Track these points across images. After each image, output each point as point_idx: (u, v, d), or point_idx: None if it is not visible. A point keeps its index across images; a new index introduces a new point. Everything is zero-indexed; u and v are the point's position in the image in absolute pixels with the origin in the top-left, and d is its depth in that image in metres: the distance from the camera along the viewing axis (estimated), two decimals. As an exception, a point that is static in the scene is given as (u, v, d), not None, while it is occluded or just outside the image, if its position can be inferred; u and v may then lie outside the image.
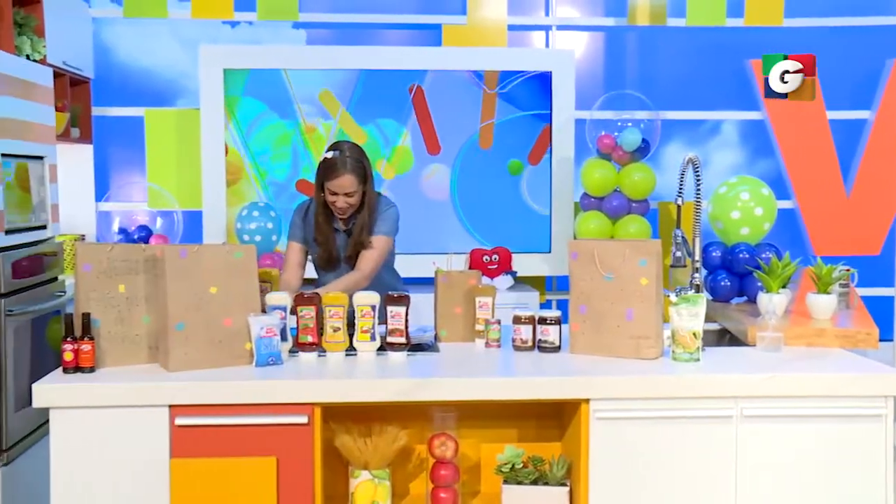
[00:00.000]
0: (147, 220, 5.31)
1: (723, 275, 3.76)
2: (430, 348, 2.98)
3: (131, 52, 5.47)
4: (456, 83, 5.18)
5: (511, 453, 2.76)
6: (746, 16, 5.42)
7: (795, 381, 2.64)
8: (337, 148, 3.33)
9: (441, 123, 5.18)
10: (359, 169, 3.30)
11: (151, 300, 2.71)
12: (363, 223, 3.36)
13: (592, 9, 5.67)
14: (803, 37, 5.50)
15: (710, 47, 5.60)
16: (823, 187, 5.43)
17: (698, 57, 5.63)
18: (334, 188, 3.29)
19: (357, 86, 5.14)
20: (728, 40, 5.55)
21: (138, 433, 2.51)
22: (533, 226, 5.23)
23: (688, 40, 5.62)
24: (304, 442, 2.55)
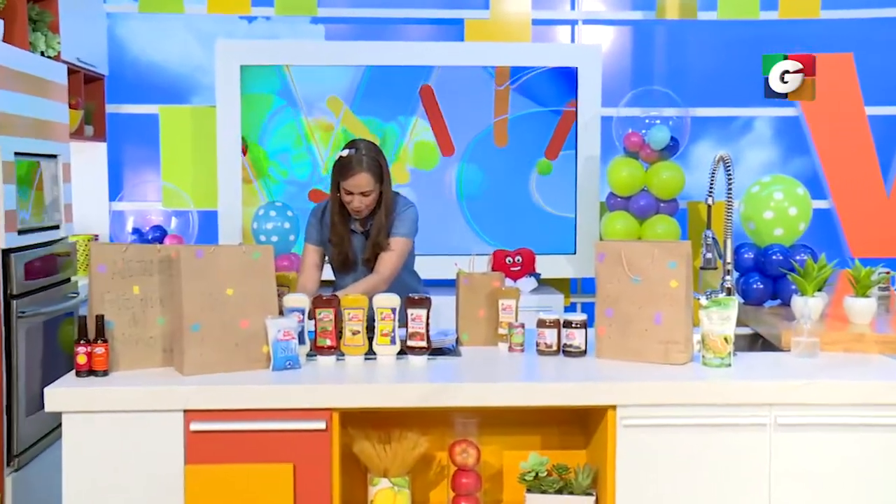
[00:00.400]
0: (161, 220, 5.35)
1: (755, 277, 3.73)
2: (452, 352, 2.98)
3: (146, 48, 5.51)
4: (466, 79, 5.17)
5: (535, 461, 2.75)
6: (781, 8, 5.38)
7: (833, 389, 2.61)
8: (353, 146, 3.34)
9: (452, 121, 5.19)
10: (374, 167, 3.31)
11: (166, 302, 2.73)
12: (380, 224, 3.37)
13: (620, 2, 5.66)
14: (841, 29, 5.46)
15: (742, 42, 5.56)
16: (861, 186, 5.38)
17: (730, 52, 5.59)
18: (350, 187, 3.30)
19: (362, 83, 5.14)
20: (761, 34, 5.51)
21: (152, 438, 2.52)
22: (549, 227, 5.21)
23: (719, 34, 5.59)
24: (322, 448, 2.55)
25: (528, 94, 5.20)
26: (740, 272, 3.82)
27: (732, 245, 3.29)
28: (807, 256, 3.49)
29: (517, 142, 5.22)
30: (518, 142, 5.22)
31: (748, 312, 3.59)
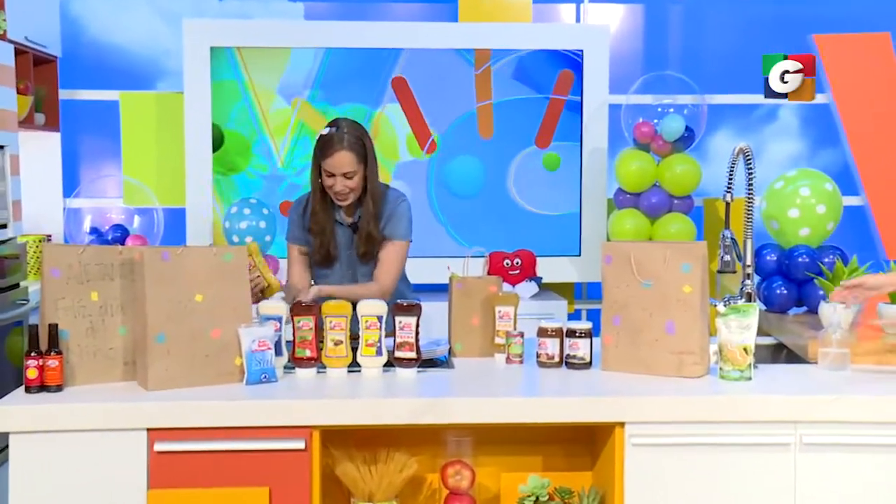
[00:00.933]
0: (123, 219, 5.35)
1: (779, 282, 3.76)
2: (444, 364, 2.99)
3: (105, 28, 5.52)
4: (440, 63, 5.21)
5: (535, 484, 2.77)
6: (808, -17, 5.42)
7: (864, 405, 2.63)
8: (334, 124, 3.38)
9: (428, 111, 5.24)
10: (357, 146, 3.33)
11: (128, 309, 2.73)
12: (369, 214, 3.39)
13: (629, -22, 5.69)
14: (873, 7, 5.49)
15: (765, 20, 5.60)
16: (898, 182, 5.42)
17: (751, 31, 5.63)
18: (330, 167, 3.32)
19: (321, 69, 5.17)
20: (787, 12, 5.55)
21: (111, 461, 2.51)
22: (526, 227, 5.23)
23: (739, 12, 5.63)
24: (301, 470, 2.56)
25: (516, 77, 5.22)
26: (762, 276, 3.84)
27: (753, 246, 3.31)
28: (836, 259, 3.52)
29: (502, 132, 5.24)
30: (503, 132, 5.24)
31: (771, 320, 3.61)
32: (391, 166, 5.21)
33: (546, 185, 5.26)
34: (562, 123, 5.24)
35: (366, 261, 3.43)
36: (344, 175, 3.32)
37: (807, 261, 3.68)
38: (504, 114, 5.24)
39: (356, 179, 3.35)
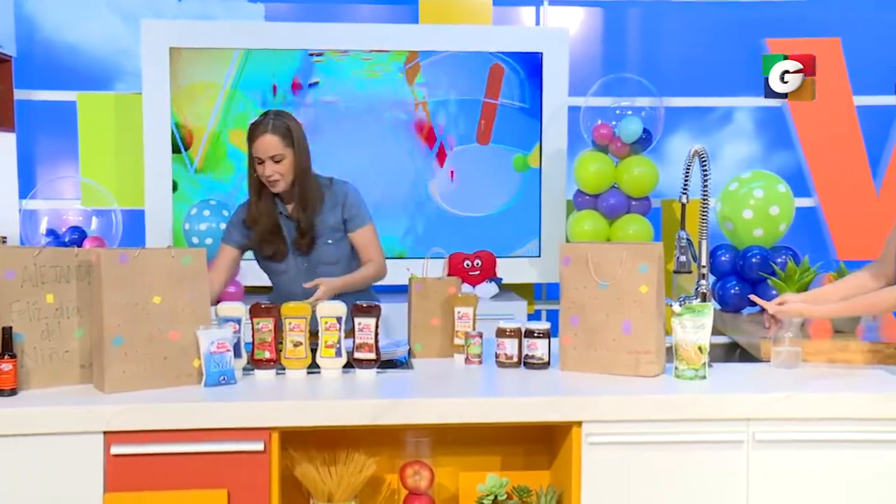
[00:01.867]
0: (80, 221, 5.29)
1: (733, 282, 3.80)
2: (403, 365, 3.00)
3: (61, 27, 5.45)
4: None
5: (493, 483, 2.78)
6: (764, -11, 5.48)
7: (815, 402, 2.67)
8: (265, 113, 3.45)
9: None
10: (282, 130, 3.37)
11: (85, 312, 2.71)
12: (303, 199, 3.41)
13: (589, -19, 5.73)
14: (828, 12, 5.56)
15: (720, 24, 5.65)
16: (849, 183, 5.49)
17: (708, 36, 5.68)
18: (258, 152, 3.35)
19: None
20: (741, 16, 5.61)
21: (67, 465, 2.49)
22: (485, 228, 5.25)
23: (696, 16, 5.67)
24: (260, 472, 2.55)
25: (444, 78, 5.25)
26: (717, 276, 3.88)
27: (708, 247, 3.34)
28: (789, 259, 3.56)
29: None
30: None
31: (725, 320, 3.65)
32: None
33: (507, 186, 5.28)
34: (520, 125, 5.26)
35: (305, 251, 3.45)
36: (272, 159, 3.35)
37: (760, 261, 3.73)
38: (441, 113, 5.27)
39: (285, 164, 3.37)
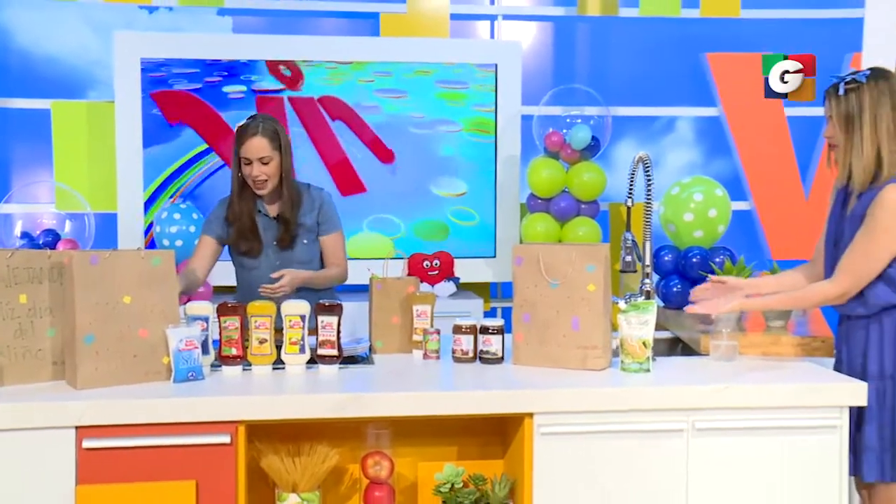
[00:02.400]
0: (55, 224, 5.21)
1: (675, 280, 3.82)
2: (364, 361, 2.98)
3: (36, 38, 5.37)
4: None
5: (450, 472, 2.77)
6: (702, 6, 5.52)
7: (749, 393, 2.69)
8: (252, 117, 3.46)
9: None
10: (271, 133, 3.39)
11: (57, 311, 2.67)
12: (287, 202, 3.43)
13: (541, -3, 5.74)
14: (761, 29, 5.63)
15: (663, 39, 5.69)
16: (781, 188, 5.56)
17: (652, 50, 5.72)
18: (247, 153, 3.36)
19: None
20: (683, 32, 5.65)
21: (39, 458, 2.45)
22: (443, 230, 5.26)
23: (641, 32, 5.71)
24: (227, 463, 2.53)
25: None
26: (660, 275, 3.91)
27: (652, 247, 3.36)
28: (726, 259, 3.60)
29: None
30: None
31: (668, 316, 3.67)
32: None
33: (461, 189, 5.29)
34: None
35: (285, 247, 3.46)
36: (260, 160, 3.36)
37: (700, 261, 3.76)
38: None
39: (272, 166, 3.39)
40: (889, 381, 2.80)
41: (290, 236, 3.46)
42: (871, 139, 2.77)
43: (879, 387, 2.80)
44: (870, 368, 2.82)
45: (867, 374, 2.82)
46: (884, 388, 2.80)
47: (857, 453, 2.83)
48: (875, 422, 2.80)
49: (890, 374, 2.80)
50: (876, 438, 2.80)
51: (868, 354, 2.83)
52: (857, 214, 2.81)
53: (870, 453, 2.80)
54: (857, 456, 2.83)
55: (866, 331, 2.85)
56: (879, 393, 2.80)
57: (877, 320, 2.82)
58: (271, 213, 3.48)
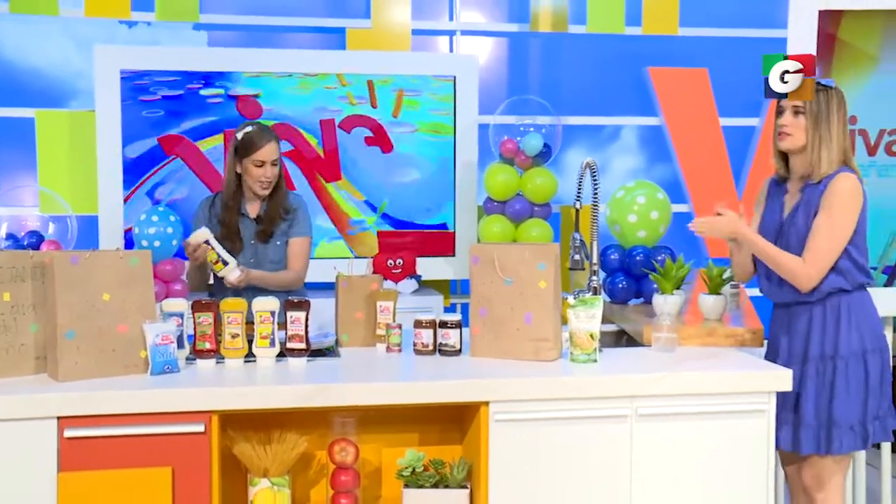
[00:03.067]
0: (38, 226, 5.12)
1: (620, 277, 3.83)
2: (331, 354, 2.97)
3: (20, 51, 5.28)
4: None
5: (412, 457, 2.77)
6: (644, 24, 5.56)
7: (689, 380, 2.71)
8: (250, 125, 3.47)
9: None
10: (278, 139, 3.47)
11: (40, 308, 2.63)
12: (278, 199, 3.47)
13: (496, 14, 5.74)
14: (697, 46, 5.68)
15: (609, 54, 5.72)
16: (717, 191, 5.59)
17: (598, 64, 5.74)
18: (263, 157, 3.40)
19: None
20: (627, 48, 5.68)
21: (23, 447, 2.41)
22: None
23: (588, 47, 5.73)
24: (201, 451, 2.50)
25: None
26: (607, 272, 3.92)
27: (599, 247, 3.38)
28: (667, 257, 3.61)
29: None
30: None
31: (613, 310, 3.69)
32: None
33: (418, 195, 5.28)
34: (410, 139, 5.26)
35: (264, 239, 3.46)
36: (272, 163, 3.41)
37: (643, 259, 3.77)
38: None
39: (278, 168, 3.45)
40: (829, 361, 2.88)
41: (270, 230, 3.47)
42: (838, 136, 2.86)
43: (819, 367, 2.90)
44: (811, 351, 2.91)
45: (808, 355, 2.91)
46: (823, 369, 2.89)
47: (796, 429, 2.92)
48: (812, 401, 2.89)
49: (830, 355, 2.88)
50: (813, 416, 2.89)
51: (811, 338, 2.91)
52: (812, 203, 2.87)
53: (807, 429, 2.89)
54: (796, 432, 2.92)
55: (809, 314, 2.92)
56: (819, 373, 2.90)
57: (820, 304, 2.90)
58: (251, 214, 3.49)
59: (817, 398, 2.90)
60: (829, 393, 2.88)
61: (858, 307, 2.91)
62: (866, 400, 2.88)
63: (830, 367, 2.89)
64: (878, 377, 2.90)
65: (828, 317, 2.90)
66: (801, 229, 2.90)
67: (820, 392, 2.90)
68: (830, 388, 2.88)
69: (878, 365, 2.90)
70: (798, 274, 2.86)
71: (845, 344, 2.87)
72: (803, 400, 2.91)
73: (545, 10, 5.51)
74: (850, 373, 2.87)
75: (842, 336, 2.88)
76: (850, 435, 2.87)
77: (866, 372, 2.88)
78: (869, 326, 2.91)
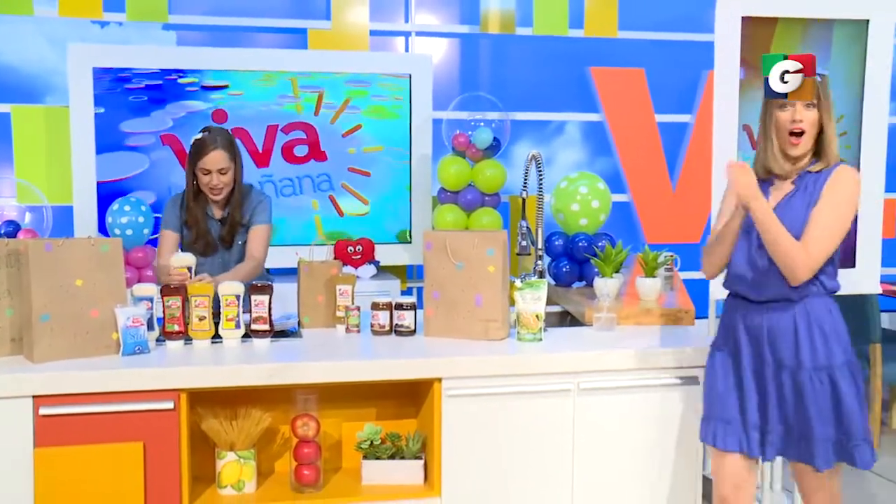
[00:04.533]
0: (15, 216, 5.01)
1: (564, 262, 3.85)
2: (293, 334, 2.94)
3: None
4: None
5: (370, 431, 2.76)
6: (586, 27, 5.58)
7: (626, 356, 2.74)
8: (206, 130, 3.33)
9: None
10: (228, 145, 3.30)
11: (15, 293, 2.56)
12: (236, 204, 3.35)
13: (449, 16, 5.72)
14: (635, 48, 5.72)
15: (554, 54, 5.73)
16: (653, 183, 5.66)
17: (544, 63, 5.75)
18: (207, 165, 3.25)
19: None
20: (570, 49, 5.70)
21: (1, 425, 2.36)
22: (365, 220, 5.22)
23: (534, 48, 5.73)
24: (171, 426, 2.47)
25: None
26: (551, 257, 3.93)
27: (544, 233, 3.38)
28: (607, 243, 3.63)
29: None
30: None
31: (558, 293, 3.70)
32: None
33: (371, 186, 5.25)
34: (394, 133, 5.22)
35: (225, 245, 3.37)
36: (219, 171, 3.27)
37: (585, 245, 3.79)
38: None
39: (229, 175, 3.31)
40: (824, 371, 2.43)
41: (231, 236, 3.37)
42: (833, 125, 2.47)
43: (814, 377, 2.43)
44: (803, 358, 2.43)
45: (801, 363, 2.43)
46: (819, 378, 2.43)
47: (808, 443, 2.44)
48: (819, 413, 2.42)
49: (825, 364, 2.43)
50: (821, 429, 2.42)
51: (799, 344, 2.43)
52: (810, 191, 2.44)
53: (822, 443, 2.42)
54: (807, 446, 2.44)
55: (794, 318, 2.45)
56: (815, 382, 2.43)
57: (803, 306, 2.44)
58: (216, 216, 3.38)
59: (821, 409, 2.42)
60: (832, 405, 2.42)
61: (837, 313, 2.49)
62: (863, 411, 2.44)
63: (827, 378, 2.42)
64: (862, 389, 2.46)
65: (812, 323, 2.43)
66: (799, 214, 2.44)
67: (822, 403, 2.42)
68: (834, 399, 2.42)
69: (861, 376, 2.48)
70: (797, 259, 2.37)
71: (839, 354, 2.43)
72: (806, 411, 2.42)
73: (494, 12, 5.51)
74: (847, 383, 2.42)
75: (832, 345, 2.43)
76: (866, 446, 2.41)
77: (856, 384, 2.45)
78: (846, 333, 2.48)
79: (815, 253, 2.39)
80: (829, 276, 2.48)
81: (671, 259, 3.65)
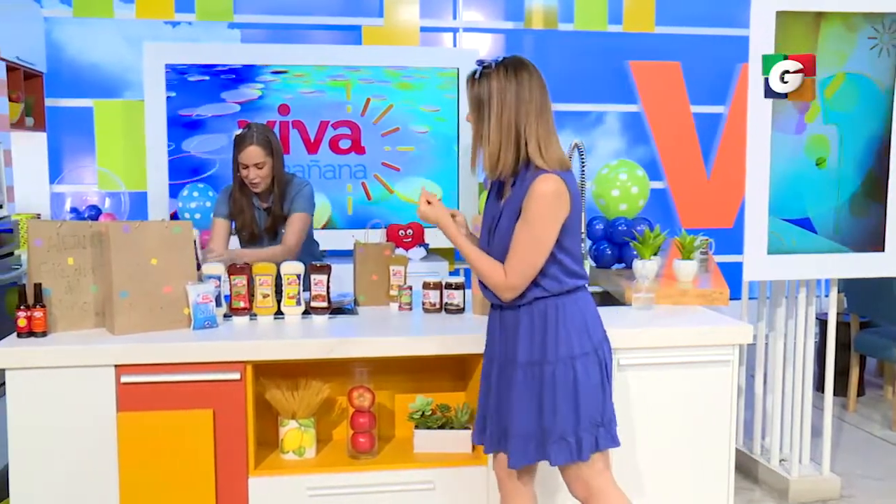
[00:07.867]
0: (97, 201, 5.13)
1: (605, 245, 3.81)
2: (350, 311, 2.95)
3: (81, 49, 5.25)
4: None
5: (421, 402, 2.76)
6: (624, 23, 5.50)
7: (664, 334, 2.69)
8: (246, 126, 3.32)
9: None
10: (265, 142, 3.26)
11: (98, 271, 2.61)
12: (276, 196, 3.33)
13: (494, 13, 5.67)
14: (672, 42, 5.62)
15: (594, 49, 5.66)
16: (688, 170, 5.57)
17: (585, 57, 5.69)
18: (244, 160, 3.25)
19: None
20: (610, 43, 5.62)
21: (87, 391, 2.42)
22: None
23: (575, 43, 5.67)
24: (238, 395, 2.49)
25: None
26: (593, 241, 3.89)
27: (586, 218, 3.34)
28: (645, 227, 3.58)
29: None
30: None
31: (599, 274, 3.66)
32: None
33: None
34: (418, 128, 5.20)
35: (270, 235, 3.35)
36: (255, 165, 3.24)
37: (625, 229, 3.74)
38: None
39: (266, 169, 3.27)
40: (536, 367, 2.21)
41: (274, 226, 3.35)
42: (496, 127, 2.17)
43: (528, 373, 2.22)
44: (520, 356, 2.23)
45: (517, 361, 2.23)
46: (532, 375, 2.22)
47: (507, 439, 2.26)
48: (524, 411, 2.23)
49: (538, 360, 2.20)
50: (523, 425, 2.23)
51: (518, 343, 2.23)
52: (513, 207, 2.18)
53: (517, 440, 2.23)
54: (504, 441, 2.28)
55: (517, 318, 2.24)
56: (528, 379, 2.22)
57: (528, 308, 2.22)
58: (262, 206, 3.38)
59: (528, 407, 2.22)
60: (538, 402, 2.21)
61: (569, 311, 2.20)
62: (578, 409, 2.19)
63: (538, 374, 2.20)
64: (591, 382, 2.21)
65: (535, 321, 2.21)
66: (505, 229, 2.20)
67: (530, 400, 2.21)
68: (539, 397, 2.21)
69: (589, 369, 2.20)
70: (498, 283, 2.19)
71: (552, 349, 2.19)
72: (511, 409, 2.24)
73: (538, 9, 5.45)
74: (559, 380, 2.18)
75: (549, 341, 2.19)
76: (563, 445, 2.19)
77: (576, 379, 2.18)
78: (578, 330, 2.20)
79: (513, 280, 2.16)
80: (553, 278, 2.19)
81: (707, 243, 3.59)
